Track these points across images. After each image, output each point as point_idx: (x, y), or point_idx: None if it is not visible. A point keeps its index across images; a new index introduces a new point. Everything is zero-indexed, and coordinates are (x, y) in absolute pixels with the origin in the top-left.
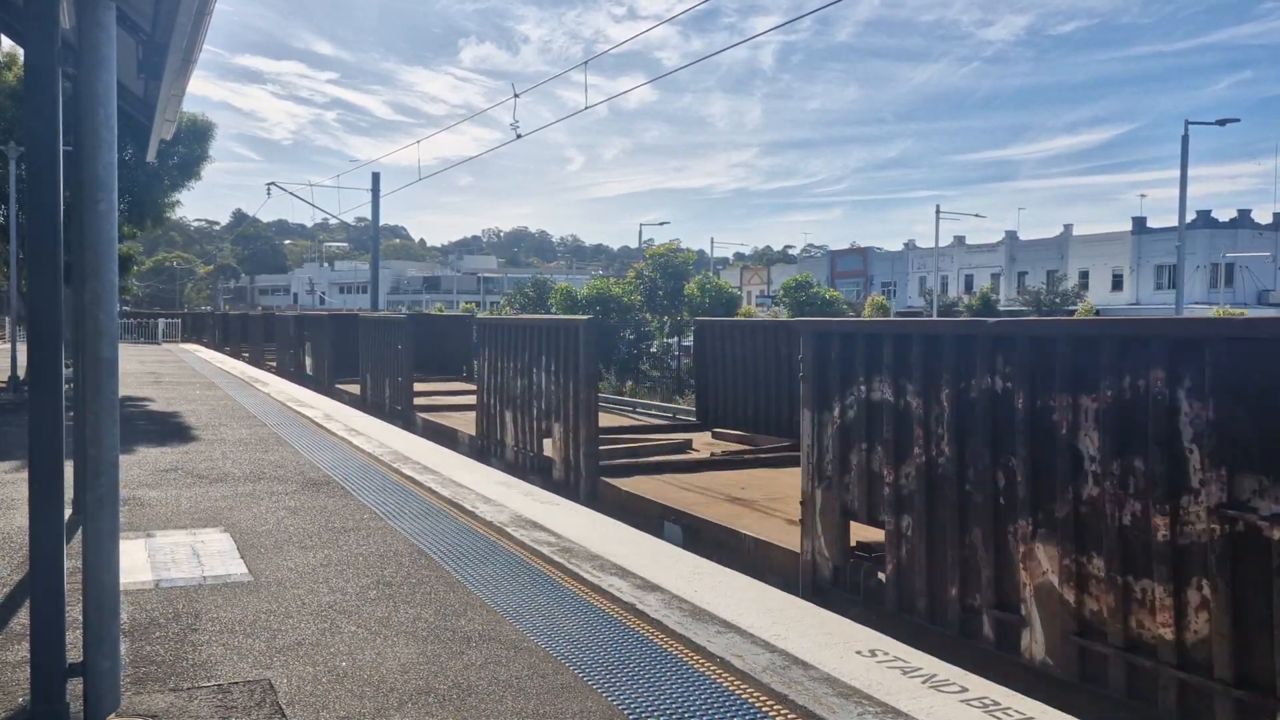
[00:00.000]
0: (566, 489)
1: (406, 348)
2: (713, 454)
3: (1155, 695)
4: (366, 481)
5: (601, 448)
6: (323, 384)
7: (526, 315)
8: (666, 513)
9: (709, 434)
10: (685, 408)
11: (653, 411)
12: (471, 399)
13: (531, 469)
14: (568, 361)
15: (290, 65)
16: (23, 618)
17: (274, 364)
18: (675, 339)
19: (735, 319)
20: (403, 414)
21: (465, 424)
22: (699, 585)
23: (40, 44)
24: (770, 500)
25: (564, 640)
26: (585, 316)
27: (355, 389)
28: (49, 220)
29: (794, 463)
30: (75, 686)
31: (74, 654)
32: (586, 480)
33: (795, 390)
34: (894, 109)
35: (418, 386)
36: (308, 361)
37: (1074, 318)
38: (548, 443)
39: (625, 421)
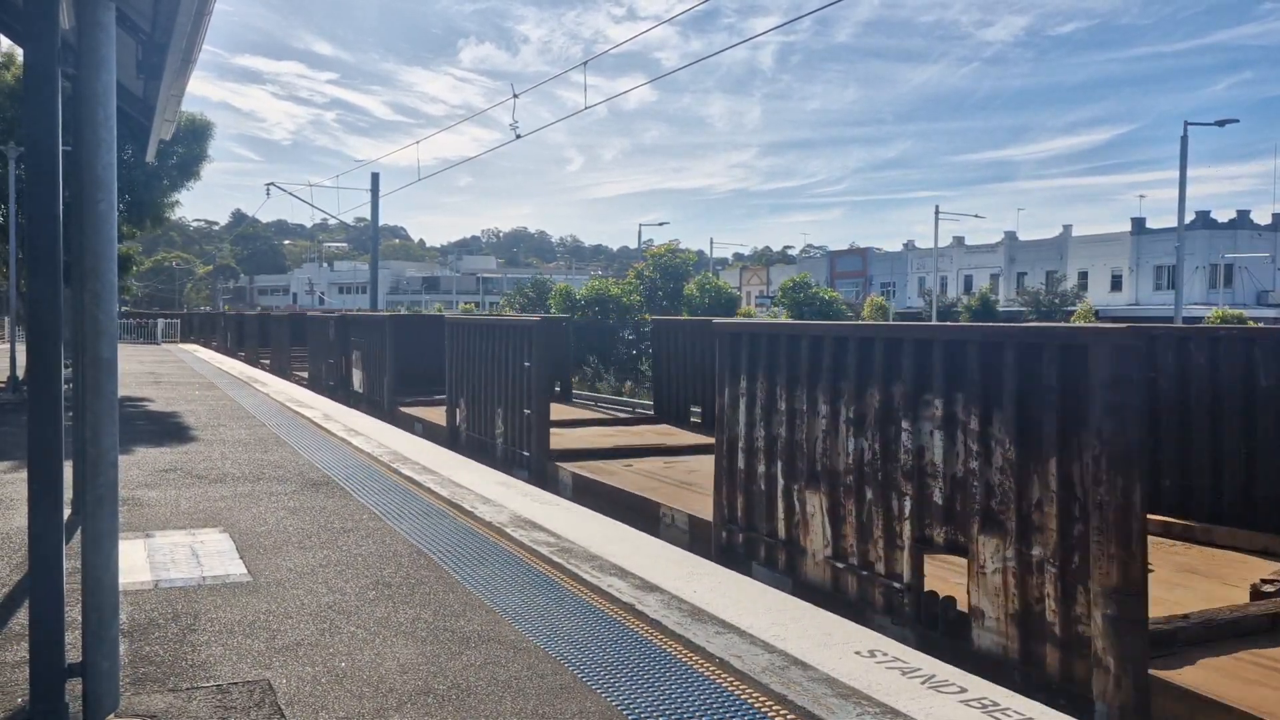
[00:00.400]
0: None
1: (539, 364)
2: (1260, 587)
3: None
4: (366, 482)
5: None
6: (380, 406)
7: (878, 322)
8: None
9: None
10: None
11: None
12: (611, 437)
13: (886, 607)
14: (1046, 411)
15: (290, 65)
16: (22, 618)
17: (304, 375)
18: None
19: (1200, 326)
20: (533, 463)
21: (661, 491)
22: (698, 585)
23: (40, 44)
24: None
25: (563, 641)
26: (1118, 325)
27: (434, 417)
28: (48, 220)
29: None
30: (74, 687)
31: (73, 654)
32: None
33: None
34: (893, 109)
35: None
36: (356, 376)
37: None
38: (932, 562)
39: None
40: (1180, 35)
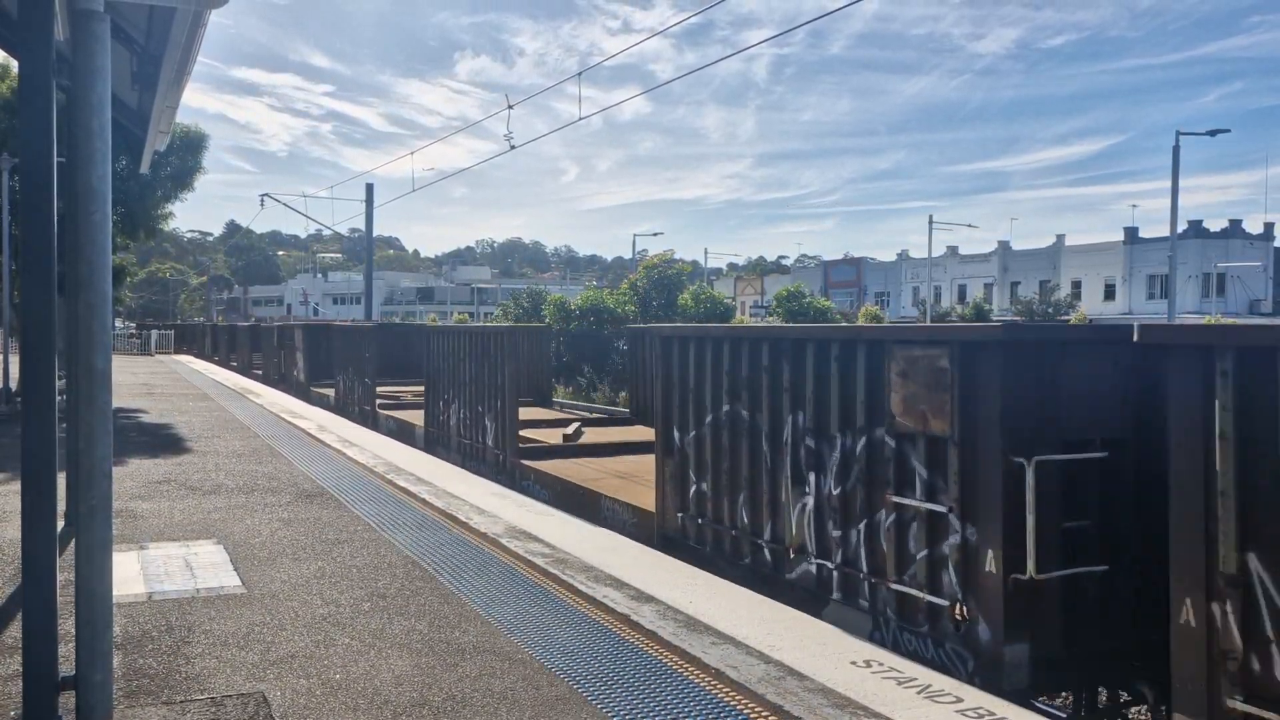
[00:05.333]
0: None
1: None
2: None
3: None
4: (360, 493)
5: None
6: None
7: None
8: None
9: None
10: None
11: None
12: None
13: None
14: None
15: (286, 78)
16: (15, 630)
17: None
18: None
19: None
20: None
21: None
22: (694, 596)
23: (34, 55)
24: None
25: (558, 652)
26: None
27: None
28: (43, 231)
29: None
30: (68, 699)
31: (66, 667)
32: None
33: None
34: (886, 121)
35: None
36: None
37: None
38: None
39: None
40: (1170, 47)
